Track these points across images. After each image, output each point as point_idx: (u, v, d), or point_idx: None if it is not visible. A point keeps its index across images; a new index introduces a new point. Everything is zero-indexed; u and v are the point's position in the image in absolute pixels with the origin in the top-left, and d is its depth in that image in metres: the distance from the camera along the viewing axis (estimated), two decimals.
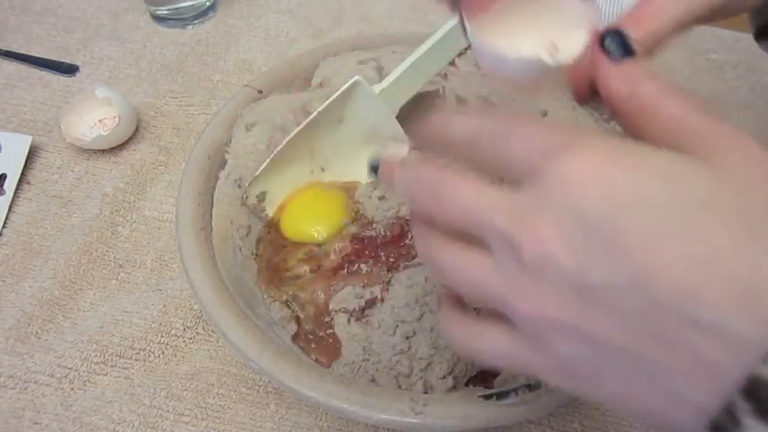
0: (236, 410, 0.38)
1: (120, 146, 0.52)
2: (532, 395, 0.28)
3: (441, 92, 0.46)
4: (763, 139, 0.58)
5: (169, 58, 0.59)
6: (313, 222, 0.41)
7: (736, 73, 0.60)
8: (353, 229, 0.41)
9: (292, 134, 0.38)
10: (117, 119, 0.48)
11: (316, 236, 0.40)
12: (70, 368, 0.39)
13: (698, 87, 0.59)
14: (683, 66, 0.60)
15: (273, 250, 0.41)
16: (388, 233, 0.39)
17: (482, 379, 0.35)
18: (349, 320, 0.37)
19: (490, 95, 0.45)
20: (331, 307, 0.38)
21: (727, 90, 0.58)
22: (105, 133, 0.48)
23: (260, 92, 0.40)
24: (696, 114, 0.20)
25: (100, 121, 0.50)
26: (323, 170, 0.42)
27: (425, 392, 0.34)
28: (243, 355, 0.30)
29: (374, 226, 0.40)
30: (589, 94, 0.25)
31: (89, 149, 0.50)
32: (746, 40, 0.63)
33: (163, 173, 0.50)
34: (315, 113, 0.38)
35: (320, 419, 0.38)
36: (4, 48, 0.58)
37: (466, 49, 0.42)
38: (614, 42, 0.23)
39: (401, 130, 0.40)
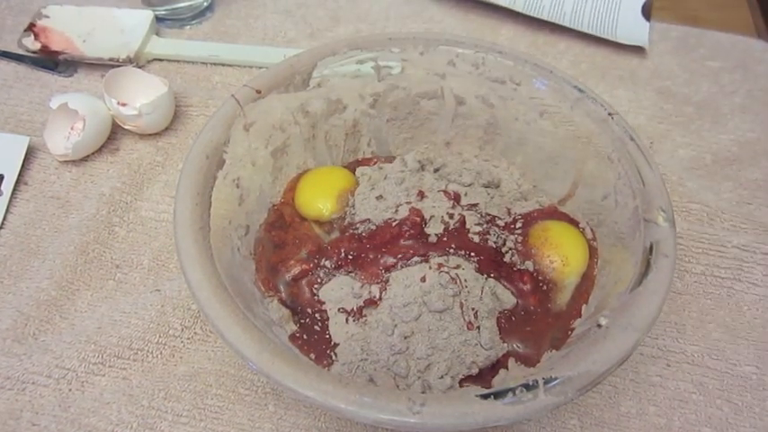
0: (235, 411, 0.38)
1: (116, 147, 0.52)
2: (530, 394, 0.28)
3: (440, 92, 0.46)
4: (760, 143, 0.59)
5: None
6: (320, 198, 0.42)
7: (732, 77, 0.60)
8: (351, 229, 0.41)
9: None
10: (83, 119, 0.48)
11: (323, 211, 0.42)
12: (68, 369, 0.39)
13: (695, 92, 0.59)
14: (681, 71, 0.61)
15: (272, 250, 0.41)
16: (386, 233, 0.39)
17: (480, 378, 0.35)
18: (347, 320, 0.37)
19: (488, 95, 0.45)
20: (329, 307, 0.38)
21: (723, 95, 0.58)
22: (80, 138, 0.48)
23: (258, 92, 0.40)
24: None
25: (72, 128, 0.49)
26: None
27: (423, 392, 0.34)
28: (241, 354, 0.30)
29: (372, 226, 0.40)
30: None
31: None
32: (744, 42, 0.64)
33: (160, 173, 0.50)
34: None
35: (318, 420, 0.38)
36: (2, 48, 0.58)
37: None
38: None
39: None
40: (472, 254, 0.38)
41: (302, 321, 0.38)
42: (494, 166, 0.46)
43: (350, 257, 0.39)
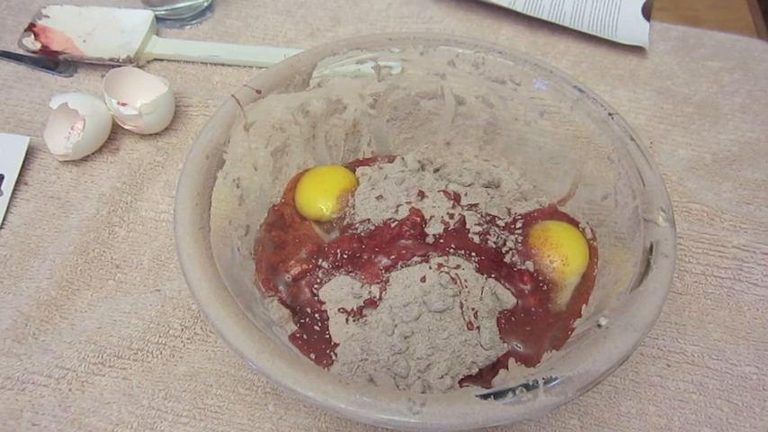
0: (235, 411, 0.38)
1: (116, 147, 0.52)
2: (530, 395, 0.28)
3: (440, 92, 0.46)
4: (760, 143, 0.58)
5: None
6: (320, 198, 0.42)
7: (732, 77, 0.60)
8: (351, 229, 0.41)
9: None
10: (83, 119, 0.48)
11: (324, 210, 0.42)
12: (68, 369, 0.39)
13: (695, 92, 0.59)
14: (681, 71, 0.61)
15: (272, 250, 0.41)
16: (386, 233, 0.39)
17: (480, 378, 0.35)
18: (347, 320, 0.37)
19: (488, 95, 0.45)
20: (329, 307, 0.38)
21: (723, 95, 0.58)
22: (80, 138, 0.48)
23: (258, 92, 0.40)
24: None
25: (72, 128, 0.49)
26: None
27: (423, 392, 0.34)
28: (241, 354, 0.30)
29: (372, 226, 0.40)
30: None
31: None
32: (744, 42, 0.64)
33: (160, 173, 0.50)
34: None
35: (318, 420, 0.38)
36: (2, 48, 0.58)
37: None
38: None
39: None
40: (472, 254, 0.38)
41: (302, 321, 0.38)
42: (494, 166, 0.46)
43: (350, 257, 0.39)
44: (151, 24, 0.59)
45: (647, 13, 0.65)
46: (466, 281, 0.37)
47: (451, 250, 0.38)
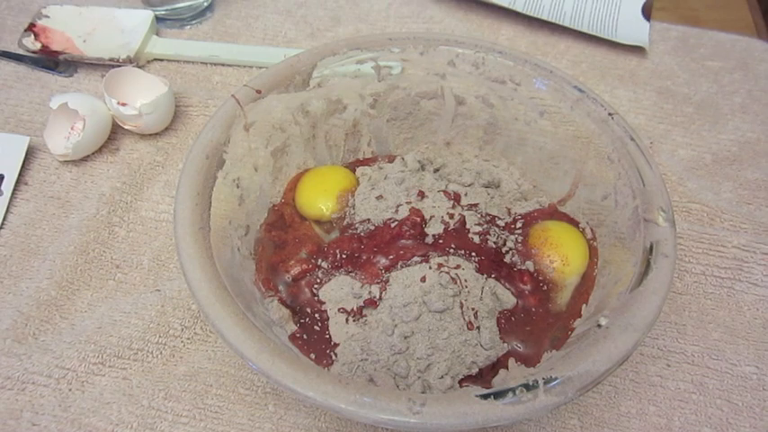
0: (235, 411, 0.38)
1: (116, 147, 0.52)
2: (530, 395, 0.28)
3: (440, 92, 0.46)
4: (760, 143, 0.58)
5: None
6: (320, 198, 0.42)
7: (732, 77, 0.60)
8: (351, 229, 0.41)
9: None
10: (83, 119, 0.48)
11: (324, 210, 0.42)
12: (68, 369, 0.39)
13: (695, 92, 0.59)
14: (681, 71, 0.61)
15: (272, 250, 0.41)
16: (386, 233, 0.39)
17: (480, 378, 0.35)
18: (347, 320, 0.37)
19: (488, 95, 0.45)
20: (329, 307, 0.38)
21: (723, 95, 0.58)
22: (80, 138, 0.48)
23: (258, 92, 0.40)
24: None
25: (72, 128, 0.49)
26: None
27: (423, 392, 0.34)
28: (241, 354, 0.30)
29: (372, 226, 0.40)
30: None
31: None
32: (744, 42, 0.64)
33: (160, 173, 0.50)
34: None
35: (318, 420, 0.38)
36: (2, 48, 0.58)
37: None
38: None
39: None
40: (472, 254, 0.38)
41: (302, 321, 0.38)
42: (494, 166, 0.46)
43: (349, 257, 0.39)
44: (151, 24, 0.59)
45: (647, 13, 0.65)
46: (466, 281, 0.37)
47: (451, 250, 0.38)
